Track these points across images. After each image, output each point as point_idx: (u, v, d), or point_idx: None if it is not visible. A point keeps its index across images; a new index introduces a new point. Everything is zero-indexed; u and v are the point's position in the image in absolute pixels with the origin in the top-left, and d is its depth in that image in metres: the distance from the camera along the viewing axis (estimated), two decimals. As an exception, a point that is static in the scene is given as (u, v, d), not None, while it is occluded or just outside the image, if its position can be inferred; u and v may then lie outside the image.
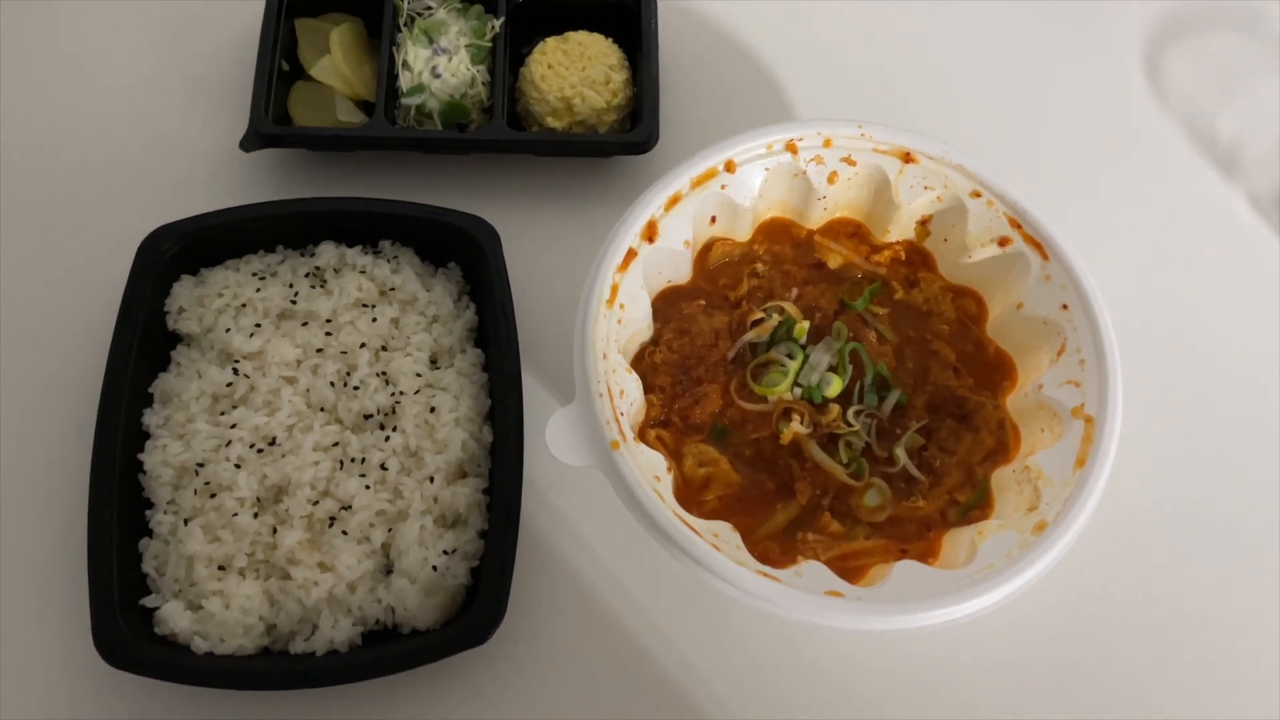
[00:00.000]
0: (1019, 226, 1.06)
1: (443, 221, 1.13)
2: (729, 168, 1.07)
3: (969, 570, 0.93)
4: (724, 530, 0.96)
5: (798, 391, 1.04)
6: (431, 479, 1.06)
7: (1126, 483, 1.03)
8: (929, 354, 1.08)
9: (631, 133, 1.21)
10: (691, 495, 1.02)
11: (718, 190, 1.06)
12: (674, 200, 1.05)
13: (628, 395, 0.99)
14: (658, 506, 0.92)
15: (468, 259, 1.17)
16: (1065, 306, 1.03)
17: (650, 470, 0.95)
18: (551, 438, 0.93)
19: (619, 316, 1.00)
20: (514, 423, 1.04)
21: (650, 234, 1.04)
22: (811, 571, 0.94)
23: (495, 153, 1.22)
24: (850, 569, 0.99)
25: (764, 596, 0.89)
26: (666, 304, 1.10)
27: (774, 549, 1.00)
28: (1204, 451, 1.15)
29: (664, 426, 1.04)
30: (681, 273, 1.10)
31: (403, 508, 1.04)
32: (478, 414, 1.11)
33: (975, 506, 1.02)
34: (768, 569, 0.92)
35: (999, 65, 1.35)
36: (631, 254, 1.03)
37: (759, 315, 1.06)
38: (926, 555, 0.99)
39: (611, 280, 1.00)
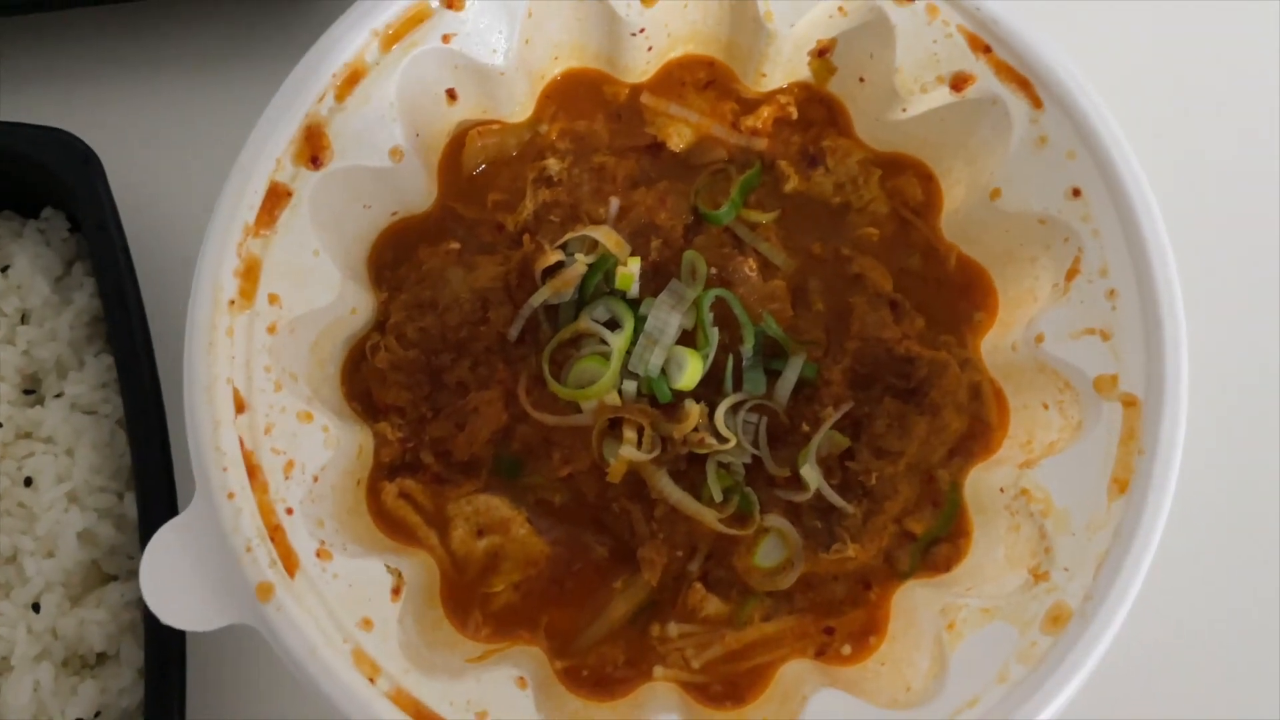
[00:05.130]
0: (987, 50, 0.80)
1: (-1, 146, 0.87)
2: (451, 1, 0.78)
3: (934, 707, 0.70)
4: (499, 687, 0.70)
5: (630, 387, 0.80)
6: (36, 605, 0.82)
7: (1197, 508, 0.82)
8: (849, 283, 0.85)
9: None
10: (469, 587, 0.79)
11: (439, 46, 0.79)
12: (352, 79, 0.76)
13: (304, 464, 0.71)
14: (354, 692, 0.66)
15: (74, 204, 0.90)
16: (1077, 192, 0.78)
17: (353, 609, 0.69)
18: (151, 580, 0.67)
19: (271, 319, 0.72)
20: (164, 480, 0.81)
21: (315, 150, 0.75)
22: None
23: (82, 6, 0.95)
24: (743, 676, 0.78)
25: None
26: (396, 255, 0.83)
27: (615, 657, 0.79)
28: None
29: (410, 473, 0.81)
30: (411, 197, 0.83)
31: (3, 653, 0.82)
32: (112, 473, 0.86)
33: (941, 538, 0.80)
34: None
35: None
36: (279, 195, 0.74)
37: (555, 257, 0.81)
38: (866, 634, 0.80)
39: (236, 258, 0.71)
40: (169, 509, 0.82)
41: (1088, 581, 0.69)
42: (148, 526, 0.82)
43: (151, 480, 0.82)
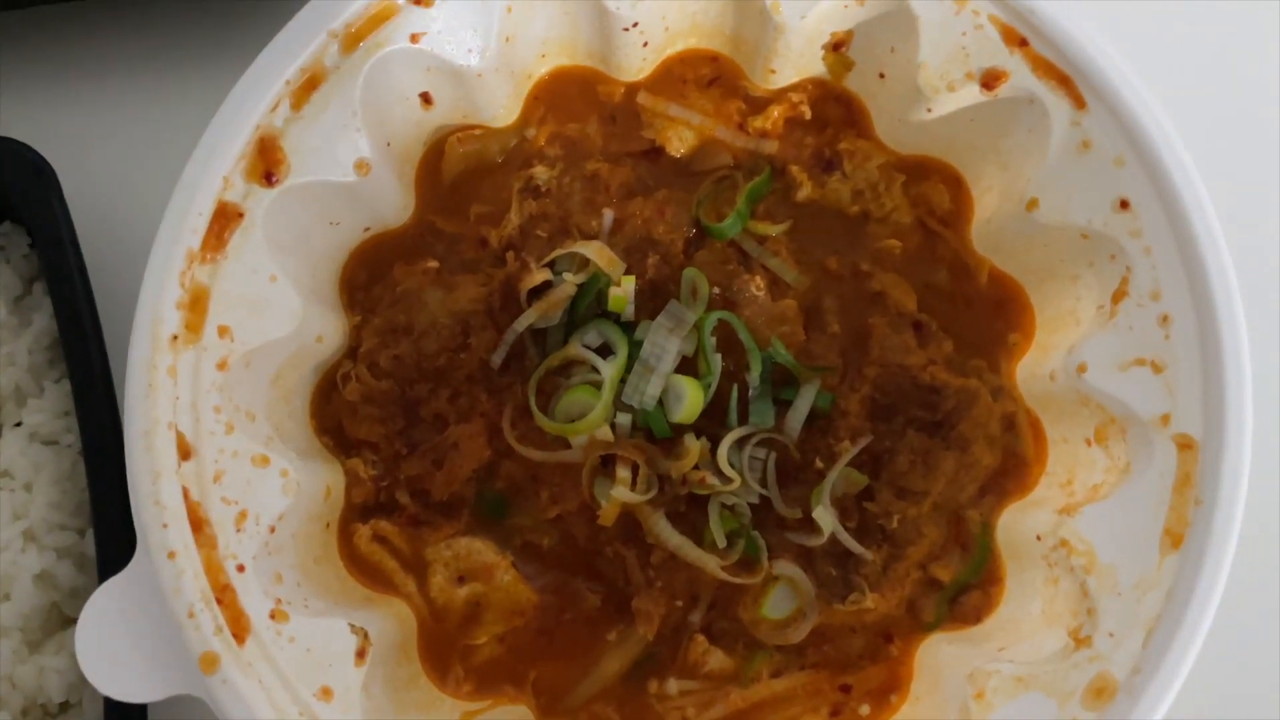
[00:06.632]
0: (1023, 44, 0.76)
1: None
2: (421, -2, 0.73)
3: (962, 794, 0.67)
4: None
5: (624, 420, 0.78)
6: (-14, 652, 0.79)
7: (1261, 567, 0.76)
8: (868, 302, 0.83)
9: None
10: (449, 639, 0.77)
11: (406, 46, 0.75)
12: (309, 85, 0.73)
13: (258, 514, 0.68)
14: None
15: (28, 217, 0.88)
16: (1125, 204, 0.74)
17: (311, 677, 0.66)
18: (87, 646, 0.63)
19: (221, 354, 0.69)
20: (123, 519, 0.77)
21: (269, 165, 0.72)
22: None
23: (32, 5, 0.92)
24: (749, 743, 0.76)
25: None
26: (369, 274, 0.80)
27: (608, 717, 0.78)
28: None
29: (385, 515, 0.79)
30: (385, 211, 0.80)
31: (-44, 708, 0.82)
32: (73, 509, 0.84)
33: (971, 585, 0.78)
34: None
35: None
36: (229, 216, 0.71)
37: (542, 276, 0.79)
38: (886, 693, 0.78)
39: (179, 288, 0.67)
40: (130, 549, 0.79)
41: (1136, 650, 0.65)
42: (107, 568, 0.78)
43: (110, 518, 0.78)
